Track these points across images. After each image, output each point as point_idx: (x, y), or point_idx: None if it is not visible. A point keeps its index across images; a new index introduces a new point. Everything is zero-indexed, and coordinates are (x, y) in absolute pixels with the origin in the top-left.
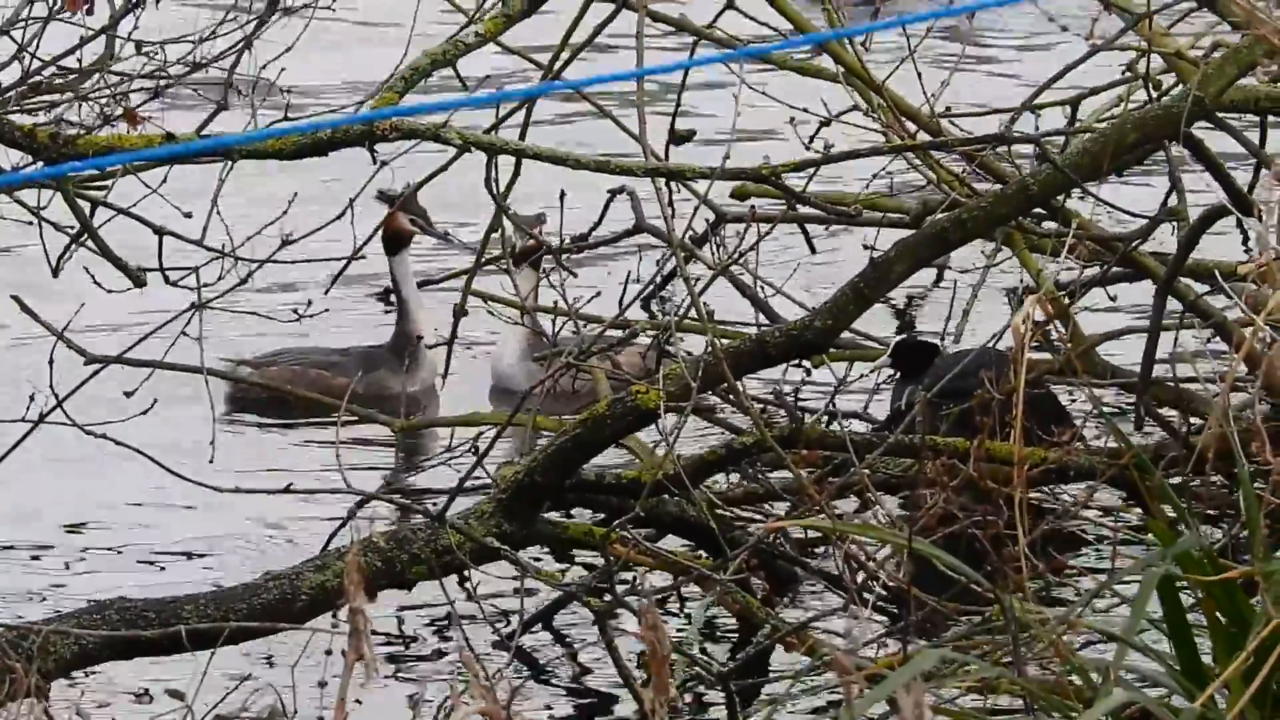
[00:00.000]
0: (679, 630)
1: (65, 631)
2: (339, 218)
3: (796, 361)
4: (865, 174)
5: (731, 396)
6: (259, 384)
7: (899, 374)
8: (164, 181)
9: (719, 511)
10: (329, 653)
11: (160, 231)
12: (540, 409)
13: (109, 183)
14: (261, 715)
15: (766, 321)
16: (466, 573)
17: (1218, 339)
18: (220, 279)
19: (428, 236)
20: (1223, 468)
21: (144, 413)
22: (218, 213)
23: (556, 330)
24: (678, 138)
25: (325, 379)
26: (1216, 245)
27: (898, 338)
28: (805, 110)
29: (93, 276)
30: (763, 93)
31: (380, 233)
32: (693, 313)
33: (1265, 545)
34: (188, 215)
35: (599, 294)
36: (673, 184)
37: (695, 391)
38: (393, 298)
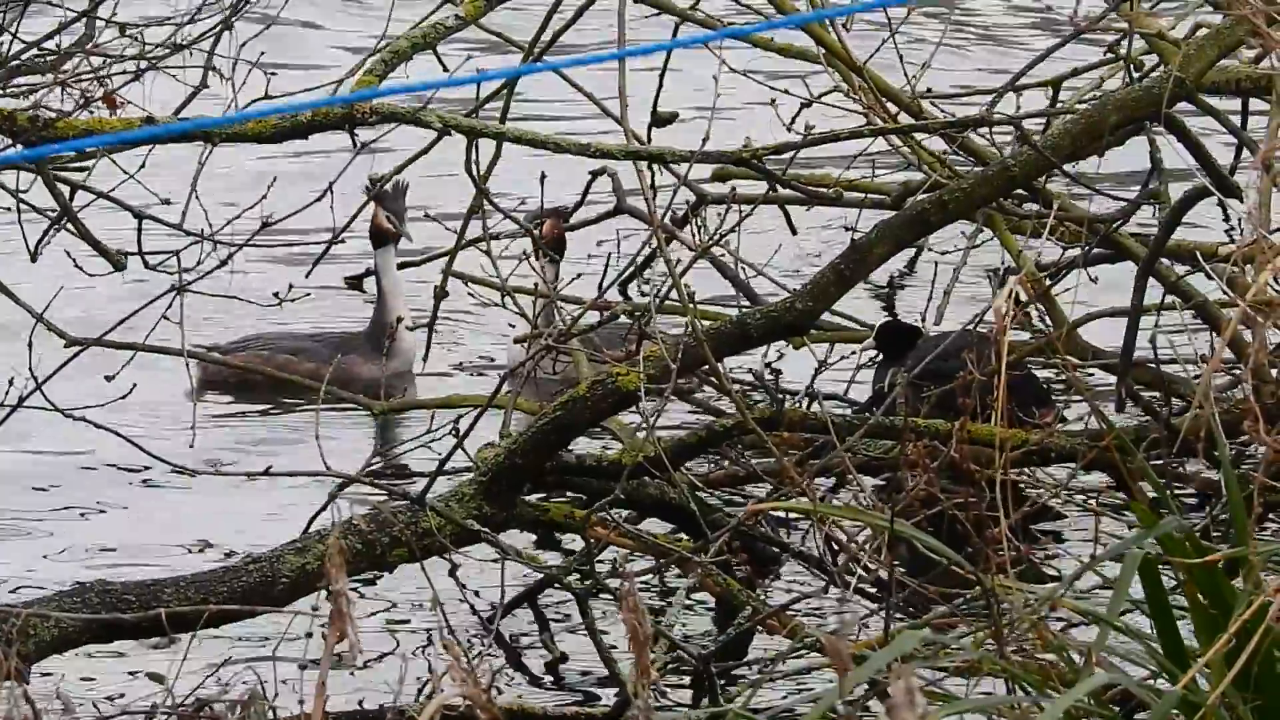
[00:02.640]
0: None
1: (45, 614)
2: (318, 200)
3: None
4: (847, 155)
5: (713, 378)
6: (237, 366)
7: (882, 356)
8: (143, 166)
9: (700, 494)
10: (309, 635)
11: (140, 215)
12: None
13: (89, 165)
14: (242, 698)
15: (747, 303)
16: (447, 555)
17: (1199, 320)
18: (199, 263)
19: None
20: (1205, 449)
21: (123, 397)
22: (197, 197)
23: (537, 312)
24: (660, 119)
25: (292, 364)
26: (1198, 226)
27: (881, 320)
28: (786, 92)
29: (74, 260)
30: (744, 73)
31: (369, 228)
32: (674, 294)
33: (1251, 526)
34: (166, 202)
35: (579, 276)
36: (654, 166)
37: (675, 374)
38: (367, 285)
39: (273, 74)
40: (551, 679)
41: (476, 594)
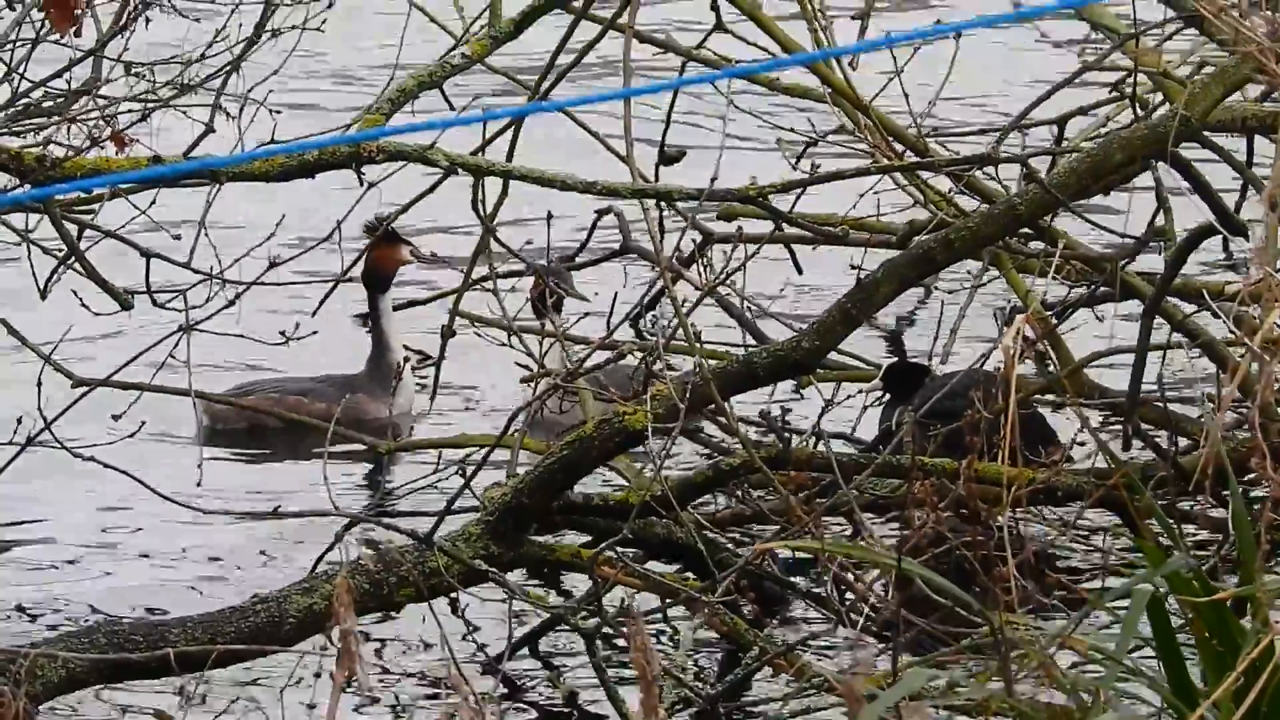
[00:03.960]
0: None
1: (53, 655)
2: (326, 240)
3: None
4: (853, 194)
5: (719, 418)
6: (247, 407)
7: (889, 396)
8: (152, 204)
9: (706, 533)
10: (318, 675)
11: (147, 254)
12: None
13: (96, 205)
14: None
15: (754, 342)
16: (454, 594)
17: (1206, 359)
18: (208, 300)
19: (421, 262)
20: (1212, 488)
21: (131, 435)
22: (206, 234)
23: (543, 351)
24: (667, 158)
25: (303, 404)
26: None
27: (889, 360)
28: (792, 130)
29: (80, 299)
30: (749, 112)
31: (363, 271)
32: (680, 333)
33: (1260, 564)
34: (176, 238)
35: (586, 315)
36: (660, 204)
37: (683, 413)
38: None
39: (278, 113)
40: (558, 718)
41: (483, 633)
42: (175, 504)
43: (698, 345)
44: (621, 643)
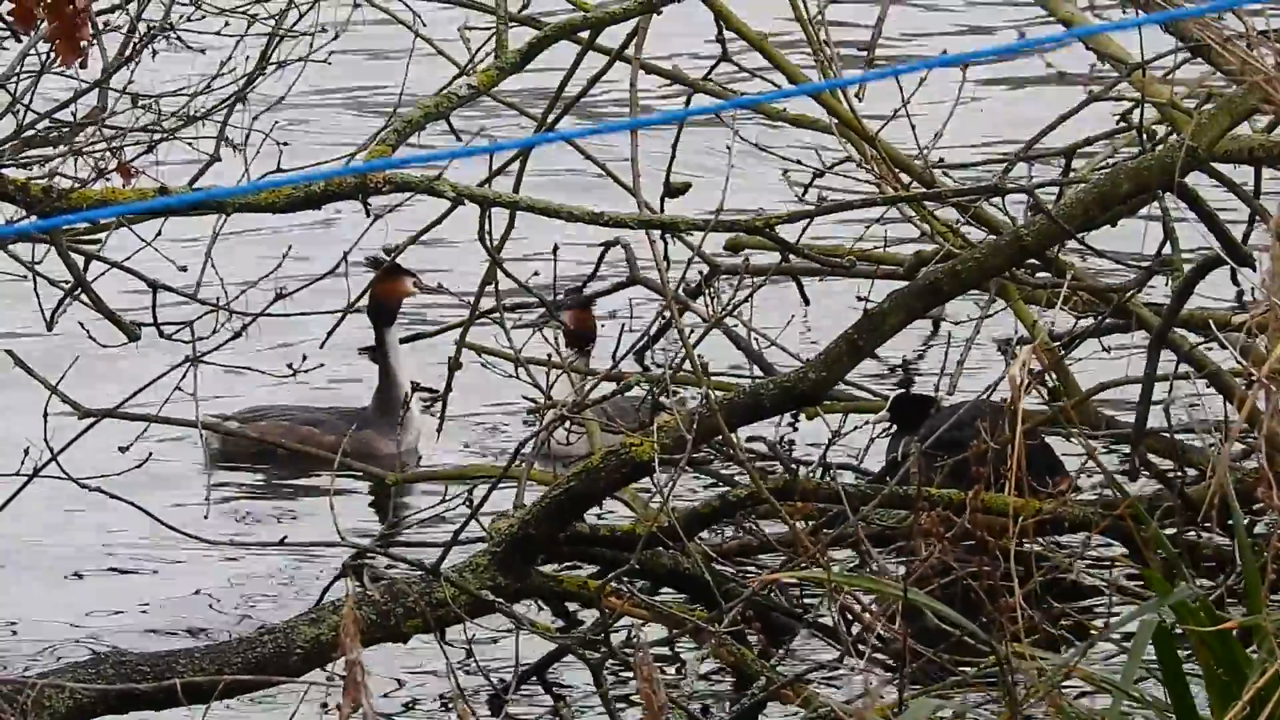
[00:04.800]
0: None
1: (60, 685)
2: (331, 272)
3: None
4: (860, 225)
5: (726, 449)
6: (256, 439)
7: (896, 427)
8: (158, 235)
9: (713, 564)
10: (324, 706)
11: (154, 285)
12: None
13: (102, 236)
14: None
15: (760, 373)
16: (461, 625)
17: (1212, 389)
18: (214, 332)
19: (425, 293)
20: (1218, 518)
21: (139, 466)
22: (213, 265)
23: (550, 383)
24: (673, 190)
25: (316, 436)
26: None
27: (896, 392)
28: (799, 162)
29: (87, 331)
30: (754, 144)
31: (369, 305)
32: (687, 365)
33: (1265, 594)
34: (183, 269)
35: (592, 345)
36: (667, 235)
37: (691, 444)
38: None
39: (285, 144)
40: None
41: (489, 664)
42: (182, 534)
43: (705, 377)
44: (629, 673)
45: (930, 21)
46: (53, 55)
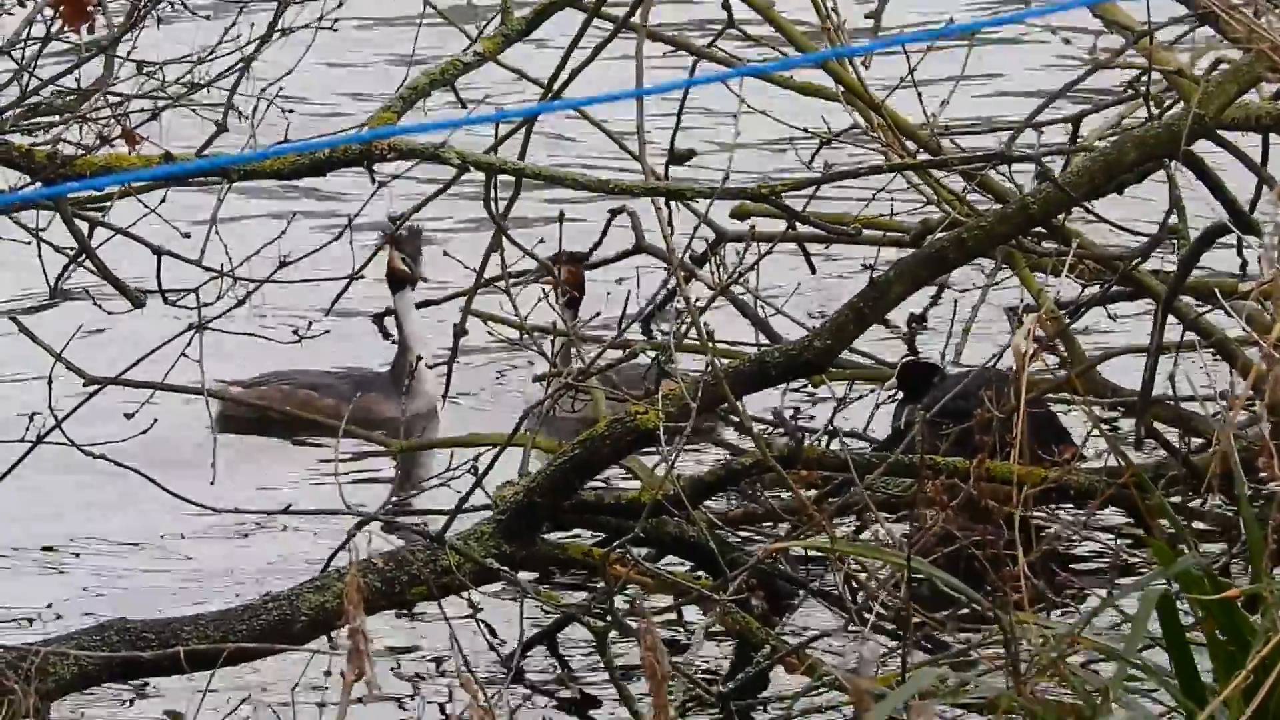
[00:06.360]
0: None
1: (64, 653)
2: (336, 239)
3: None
4: (866, 193)
5: (732, 417)
6: (256, 405)
7: (902, 395)
8: (163, 201)
9: (718, 532)
10: (328, 673)
11: (159, 252)
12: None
13: (107, 203)
14: None
15: (767, 341)
16: (466, 593)
17: (1218, 358)
18: (219, 299)
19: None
20: (1223, 486)
21: (144, 432)
22: (216, 233)
23: (556, 351)
24: (677, 156)
25: (313, 400)
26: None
27: (903, 359)
28: (805, 130)
29: (92, 297)
30: (762, 113)
31: (386, 272)
32: (693, 333)
33: (1269, 563)
34: (186, 236)
35: (598, 314)
36: (673, 203)
37: (695, 412)
38: (390, 326)
39: (290, 111)
40: (570, 717)
41: (495, 632)
42: (187, 501)
43: (710, 344)
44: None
45: None
46: (58, 20)
